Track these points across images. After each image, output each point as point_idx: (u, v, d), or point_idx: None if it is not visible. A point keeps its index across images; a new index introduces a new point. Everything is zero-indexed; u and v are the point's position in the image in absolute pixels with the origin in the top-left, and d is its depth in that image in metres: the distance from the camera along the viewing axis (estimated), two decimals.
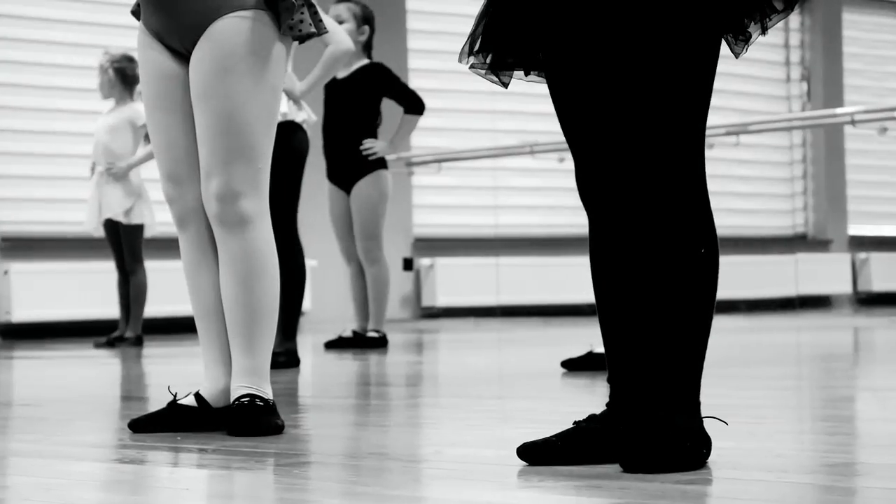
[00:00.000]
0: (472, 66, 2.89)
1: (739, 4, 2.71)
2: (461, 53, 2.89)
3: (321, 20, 3.67)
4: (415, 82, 11.43)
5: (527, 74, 2.90)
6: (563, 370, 5.41)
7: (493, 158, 11.89)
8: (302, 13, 3.60)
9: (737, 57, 2.79)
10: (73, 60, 10.49)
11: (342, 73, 7.61)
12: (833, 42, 14.28)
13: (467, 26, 10.68)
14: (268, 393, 3.53)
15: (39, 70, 10.44)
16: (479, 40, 2.87)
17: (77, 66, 10.42)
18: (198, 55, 3.54)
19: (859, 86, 14.55)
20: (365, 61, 7.62)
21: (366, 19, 7.62)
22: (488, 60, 2.88)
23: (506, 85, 2.89)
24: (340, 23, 7.53)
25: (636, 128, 2.70)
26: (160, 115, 3.63)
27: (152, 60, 3.64)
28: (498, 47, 2.86)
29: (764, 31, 2.75)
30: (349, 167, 7.61)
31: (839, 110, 10.42)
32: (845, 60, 14.45)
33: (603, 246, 2.79)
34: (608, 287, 2.80)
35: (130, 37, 4.12)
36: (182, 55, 3.62)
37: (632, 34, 2.69)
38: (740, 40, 2.76)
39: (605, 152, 2.74)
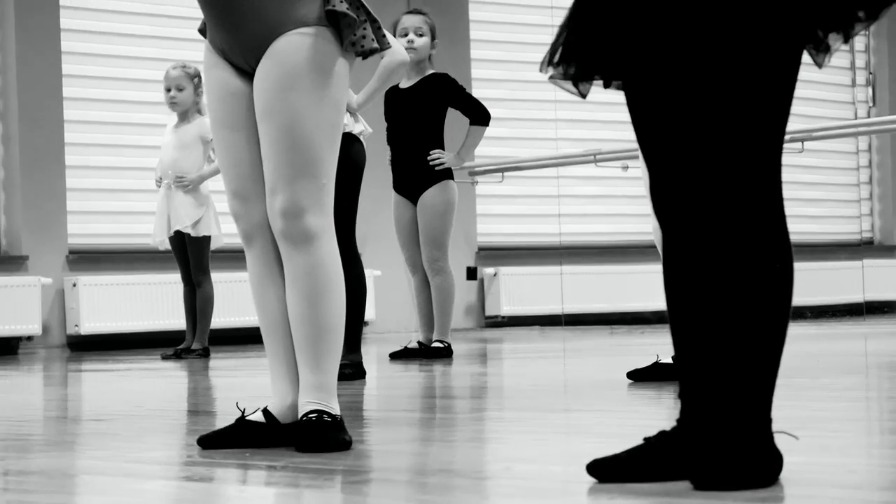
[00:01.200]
0: (551, 77, 2.87)
1: (822, 15, 2.68)
2: (541, 64, 2.87)
3: (384, 35, 3.67)
4: (478, 92, 11.42)
5: (606, 86, 2.88)
6: (629, 381, 5.38)
7: (556, 167, 11.88)
8: (364, 29, 3.60)
9: (820, 67, 2.75)
10: (140, 74, 10.58)
11: (407, 83, 7.63)
12: None
13: (530, 36, 10.74)
14: (335, 408, 3.53)
15: (107, 84, 10.54)
16: (560, 51, 2.85)
17: (144, 79, 10.50)
18: (261, 72, 3.56)
19: None
20: (430, 71, 7.65)
21: (434, 32, 7.68)
22: (569, 71, 2.85)
23: (584, 96, 2.87)
24: (420, 35, 7.56)
25: (714, 140, 2.68)
26: (226, 132, 3.65)
27: (218, 78, 3.66)
28: (579, 58, 2.84)
29: (846, 40, 2.72)
30: (416, 177, 7.63)
31: None
32: None
33: (677, 259, 2.77)
34: (682, 301, 2.77)
35: (196, 50, 4.16)
36: (247, 73, 3.64)
37: (714, 44, 2.66)
38: (822, 50, 2.72)
39: (683, 164, 2.71)
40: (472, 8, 12.28)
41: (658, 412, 4.37)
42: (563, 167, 11.98)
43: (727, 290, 2.70)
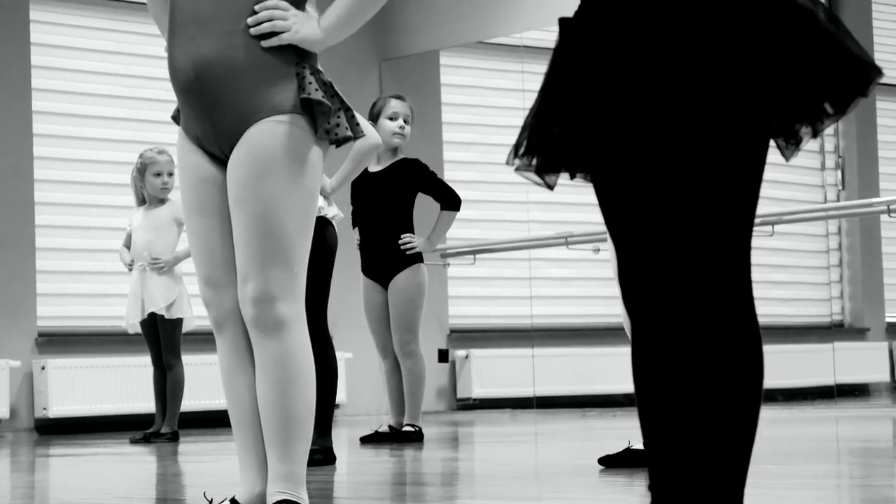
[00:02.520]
0: (517, 169, 2.87)
1: (791, 109, 2.69)
2: (508, 155, 2.87)
3: (357, 123, 3.69)
4: (449, 174, 11.48)
5: (572, 177, 2.89)
6: (600, 467, 5.36)
7: (528, 249, 11.91)
8: (338, 117, 3.62)
9: (787, 160, 2.75)
10: (110, 156, 10.57)
11: (378, 167, 7.65)
12: (867, 130, 14.28)
13: (501, 118, 10.76)
14: (304, 498, 3.51)
15: (77, 166, 10.52)
16: (526, 143, 2.86)
17: (115, 161, 10.50)
18: (235, 159, 3.56)
19: (894, 173, 14.53)
20: (402, 156, 7.67)
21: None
22: (535, 163, 2.86)
23: (551, 187, 2.87)
24: (407, 123, 7.61)
25: (684, 231, 2.68)
26: (199, 219, 3.65)
27: (192, 165, 3.66)
28: (544, 150, 2.84)
29: (815, 135, 2.73)
30: (386, 261, 7.63)
31: (875, 200, 10.42)
32: (880, 149, 14.44)
33: (645, 346, 2.76)
34: (651, 389, 2.76)
35: (168, 132, 4.14)
36: (220, 160, 3.64)
37: (681, 136, 2.67)
38: (791, 144, 2.73)
39: (651, 254, 2.71)
40: (444, 91, 12.35)
41: (629, 500, 4.35)
42: (535, 249, 12.00)
43: (696, 378, 2.69)
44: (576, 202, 12.17)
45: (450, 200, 7.65)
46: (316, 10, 3.73)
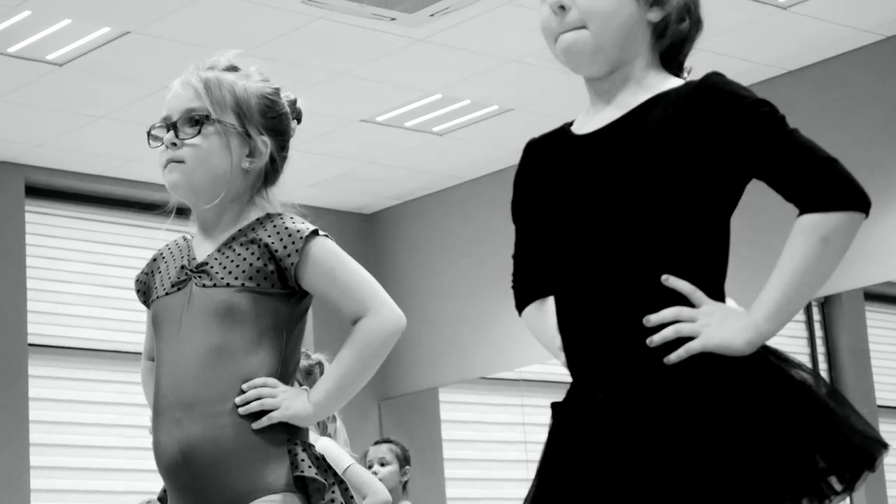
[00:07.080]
0: None
1: (797, 487, 2.64)
2: None
3: (352, 497, 3.61)
4: None
5: None
6: None
7: None
8: (333, 492, 3.54)
9: None
10: None
11: None
12: (877, 485, 14.19)
13: (502, 453, 10.59)
14: None
15: None
16: None
17: None
18: None
19: None
20: (406, 502, 7.62)
21: (407, 459, 7.68)
22: None
23: None
24: (383, 465, 7.54)
25: None
26: None
27: None
28: None
29: None
30: None
31: None
32: (887, 472, 14.33)
33: None
34: None
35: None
36: None
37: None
38: None
39: None
40: (445, 427, 12.30)
41: None
42: None
43: None
44: None
45: None
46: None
